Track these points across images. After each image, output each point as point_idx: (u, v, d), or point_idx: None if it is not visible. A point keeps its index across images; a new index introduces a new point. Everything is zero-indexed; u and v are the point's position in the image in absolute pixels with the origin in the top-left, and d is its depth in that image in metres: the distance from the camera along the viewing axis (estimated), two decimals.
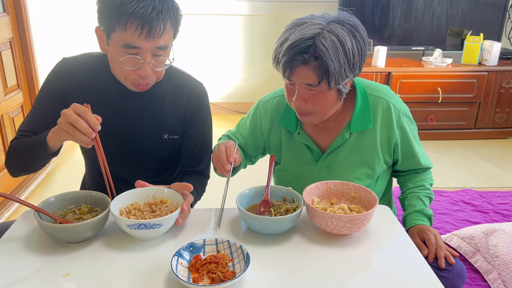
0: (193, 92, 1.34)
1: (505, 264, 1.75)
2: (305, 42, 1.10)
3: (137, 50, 1.11)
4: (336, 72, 1.11)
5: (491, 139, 3.61)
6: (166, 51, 1.17)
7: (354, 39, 1.13)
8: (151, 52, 1.13)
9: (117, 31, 1.10)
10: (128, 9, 1.06)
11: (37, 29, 2.74)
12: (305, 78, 1.14)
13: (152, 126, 1.30)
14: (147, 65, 1.14)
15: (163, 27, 1.10)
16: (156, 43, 1.11)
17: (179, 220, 1.05)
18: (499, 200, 2.58)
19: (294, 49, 1.12)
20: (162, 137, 1.32)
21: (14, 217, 2.33)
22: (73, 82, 1.26)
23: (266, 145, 1.43)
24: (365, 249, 1.04)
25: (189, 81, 1.35)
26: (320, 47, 1.09)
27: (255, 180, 1.40)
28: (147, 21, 1.07)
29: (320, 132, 1.33)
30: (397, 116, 1.29)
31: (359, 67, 1.18)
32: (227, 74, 4.06)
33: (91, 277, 0.93)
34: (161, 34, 1.11)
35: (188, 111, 1.33)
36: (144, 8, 1.07)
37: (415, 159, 1.35)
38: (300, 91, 1.18)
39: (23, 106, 2.67)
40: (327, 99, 1.19)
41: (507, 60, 3.60)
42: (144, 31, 1.08)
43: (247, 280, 0.92)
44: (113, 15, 1.08)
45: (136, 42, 1.10)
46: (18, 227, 1.10)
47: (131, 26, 1.07)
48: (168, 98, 1.30)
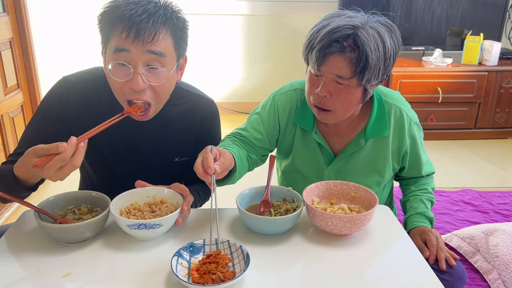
0: (206, 113, 1.29)
1: (505, 264, 1.75)
2: (346, 30, 1.07)
3: (126, 56, 1.02)
4: (372, 67, 1.08)
5: (491, 139, 3.60)
6: (163, 61, 1.05)
7: (392, 40, 1.11)
8: (143, 60, 1.03)
9: (110, 39, 1.04)
10: (118, 13, 1.01)
11: (37, 29, 2.74)
12: (336, 68, 1.10)
13: (163, 150, 1.26)
14: (137, 75, 1.02)
15: (155, 31, 1.01)
16: (147, 47, 1.01)
17: (179, 220, 1.05)
18: (499, 200, 2.58)
19: (333, 35, 1.07)
20: (173, 160, 1.29)
21: (14, 217, 2.33)
22: (74, 104, 1.17)
23: (280, 140, 1.36)
24: (365, 249, 1.04)
25: (202, 102, 1.29)
26: (362, 38, 1.06)
27: (255, 180, 1.39)
28: (135, 23, 1.00)
29: (333, 136, 1.30)
30: (408, 124, 1.28)
31: (389, 71, 1.16)
32: (227, 74, 4.05)
33: (91, 277, 0.93)
34: (152, 39, 1.01)
35: (201, 132, 1.29)
36: (133, 10, 1.00)
37: (419, 169, 1.36)
38: (326, 83, 1.13)
39: (23, 106, 2.67)
40: (353, 96, 1.15)
41: (507, 60, 3.60)
42: (131, 33, 1.00)
43: (247, 280, 0.92)
44: (106, 21, 1.04)
45: (123, 45, 1.01)
46: (18, 227, 1.10)
47: (118, 28, 1.01)
48: (180, 122, 1.25)
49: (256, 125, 1.34)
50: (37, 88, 2.75)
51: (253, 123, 1.34)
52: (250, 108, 1.46)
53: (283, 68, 4.03)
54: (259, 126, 1.33)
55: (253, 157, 1.33)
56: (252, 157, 1.32)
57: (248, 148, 1.32)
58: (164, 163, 1.28)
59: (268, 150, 1.37)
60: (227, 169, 1.06)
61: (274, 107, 1.33)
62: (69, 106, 1.17)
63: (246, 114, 3.84)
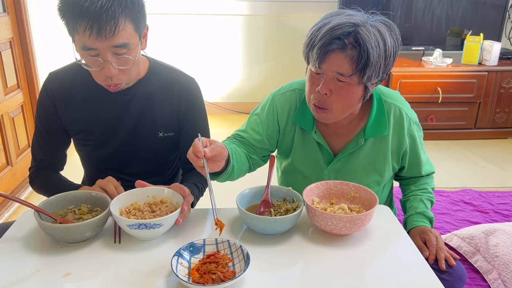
0: (184, 89, 1.31)
1: (505, 264, 1.75)
2: (347, 28, 1.08)
3: (95, 51, 1.08)
4: (374, 64, 1.09)
5: (491, 139, 3.60)
6: (128, 48, 1.11)
7: (392, 38, 1.12)
8: (110, 52, 1.08)
9: (75, 34, 1.07)
10: (76, 9, 1.03)
11: (37, 29, 2.74)
12: (337, 66, 1.10)
13: (145, 125, 1.30)
14: (108, 64, 1.09)
15: (114, 24, 1.04)
16: (111, 42, 1.06)
17: (180, 220, 1.05)
18: (499, 200, 2.58)
19: (334, 32, 1.08)
20: (157, 135, 1.31)
21: (14, 217, 2.33)
22: (61, 97, 1.27)
23: (279, 140, 1.36)
24: (365, 249, 1.04)
25: (180, 78, 1.32)
26: (363, 35, 1.07)
27: (255, 180, 1.39)
28: (96, 20, 1.02)
29: (333, 136, 1.30)
30: (408, 124, 1.28)
31: (389, 70, 1.16)
32: (227, 74, 4.05)
33: (91, 277, 0.93)
34: (113, 33, 1.05)
35: (181, 110, 1.31)
36: (92, 6, 1.02)
37: (419, 168, 1.36)
38: (327, 80, 1.13)
39: (23, 106, 2.67)
40: (353, 94, 1.15)
41: (507, 60, 3.60)
42: (93, 31, 1.03)
43: (247, 280, 0.92)
44: (68, 17, 1.06)
45: (90, 43, 1.06)
46: (18, 227, 1.10)
47: (81, 27, 1.04)
48: (157, 96, 1.29)
49: (255, 126, 1.34)
50: (37, 88, 2.75)
51: (253, 124, 1.35)
52: (250, 108, 1.46)
53: (283, 68, 4.03)
54: (258, 127, 1.33)
55: (254, 158, 1.33)
56: (252, 158, 1.32)
57: (248, 149, 1.32)
58: (148, 138, 1.31)
59: (269, 150, 1.37)
60: (220, 156, 1.05)
61: (273, 108, 1.33)
62: (60, 94, 1.27)
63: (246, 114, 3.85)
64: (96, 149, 1.34)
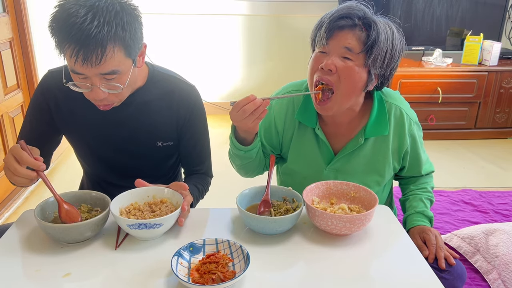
0: (184, 97, 1.27)
1: (505, 264, 1.75)
2: (357, 12, 1.13)
3: (82, 76, 1.04)
4: (381, 47, 1.12)
5: (491, 139, 3.60)
6: (118, 74, 1.05)
7: (399, 34, 1.18)
8: (98, 77, 1.04)
9: (64, 55, 1.04)
10: (64, 33, 0.98)
11: (37, 29, 2.74)
12: (346, 42, 1.12)
13: (144, 134, 1.27)
14: (97, 89, 1.06)
15: (101, 52, 0.99)
16: (98, 70, 1.01)
17: (182, 220, 1.05)
18: (499, 200, 2.58)
19: (344, 11, 1.13)
20: (156, 145, 1.29)
21: (14, 217, 2.33)
22: (58, 96, 1.24)
23: (281, 143, 1.36)
24: (365, 249, 1.04)
25: (180, 86, 1.28)
26: (373, 18, 1.13)
27: (255, 180, 1.40)
28: (82, 46, 0.97)
29: (333, 135, 1.30)
30: (408, 124, 1.28)
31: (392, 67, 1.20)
32: (227, 74, 4.05)
33: (91, 277, 0.93)
34: (100, 61, 1.00)
35: (180, 118, 1.28)
36: (79, 32, 0.96)
37: (419, 168, 1.36)
38: (332, 58, 1.14)
39: (23, 106, 2.67)
40: (357, 75, 1.14)
41: (507, 60, 3.60)
42: (79, 58, 0.99)
43: (247, 280, 0.92)
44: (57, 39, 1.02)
45: (76, 68, 1.02)
46: (18, 227, 1.10)
47: (68, 52, 1.00)
48: (157, 105, 1.25)
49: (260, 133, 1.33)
50: None
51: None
52: None
53: (283, 68, 4.03)
54: (261, 136, 1.34)
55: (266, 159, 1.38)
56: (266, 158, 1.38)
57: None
58: (147, 147, 1.29)
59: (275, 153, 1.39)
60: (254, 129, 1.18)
61: (269, 111, 1.31)
62: (55, 92, 1.24)
63: None
64: (93, 153, 1.32)
